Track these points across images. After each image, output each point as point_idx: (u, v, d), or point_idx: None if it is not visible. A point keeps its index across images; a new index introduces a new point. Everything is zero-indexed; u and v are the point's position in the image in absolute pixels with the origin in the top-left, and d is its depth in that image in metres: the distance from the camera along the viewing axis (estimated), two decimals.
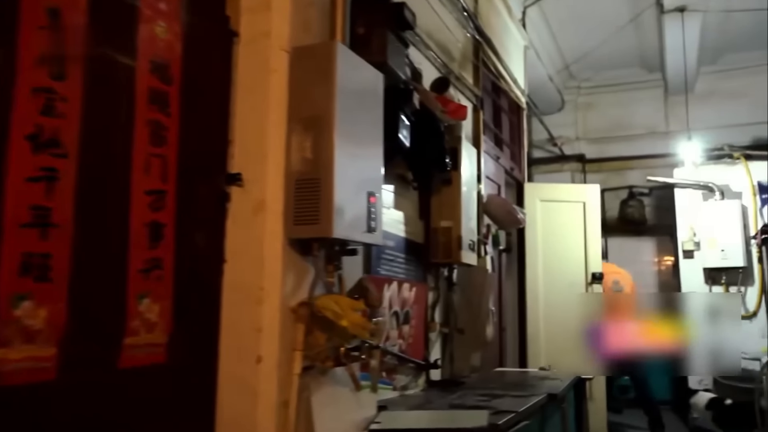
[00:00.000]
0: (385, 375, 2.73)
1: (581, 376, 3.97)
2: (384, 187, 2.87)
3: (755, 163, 5.74)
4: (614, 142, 7.99)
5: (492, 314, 4.18)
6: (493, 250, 4.46)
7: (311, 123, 1.81)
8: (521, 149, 5.66)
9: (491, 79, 4.86)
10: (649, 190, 7.82)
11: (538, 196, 5.55)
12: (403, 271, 2.96)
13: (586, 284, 5.47)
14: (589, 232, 5.56)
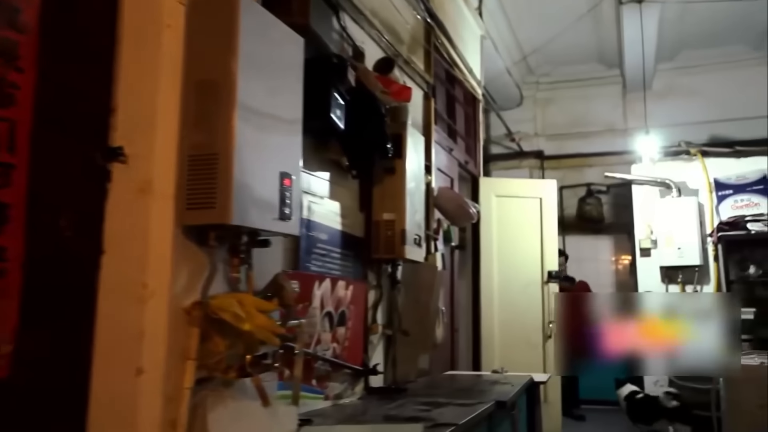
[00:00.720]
0: (316, 383, 2.45)
1: (534, 379, 3.76)
2: (318, 174, 2.61)
3: (712, 160, 5.66)
4: (573, 138, 7.88)
5: (442, 314, 3.94)
6: (445, 247, 4.23)
7: (209, 88, 1.52)
8: (477, 142, 5.45)
9: (444, 67, 4.62)
10: (607, 188, 7.73)
11: (494, 191, 5.35)
12: (339, 268, 2.68)
13: (542, 283, 5.29)
14: (545, 229, 5.38)
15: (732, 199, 5.29)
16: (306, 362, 2.38)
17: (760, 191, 5.20)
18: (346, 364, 2.64)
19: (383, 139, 2.69)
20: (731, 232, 5.12)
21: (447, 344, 4.33)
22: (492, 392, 3.08)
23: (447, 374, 4.05)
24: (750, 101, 7.05)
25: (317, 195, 2.54)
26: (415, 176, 3.14)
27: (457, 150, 4.83)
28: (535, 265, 5.30)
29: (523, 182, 5.62)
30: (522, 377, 3.68)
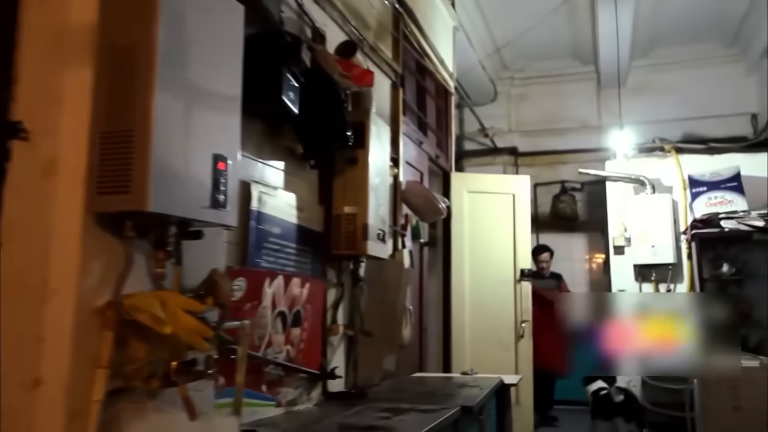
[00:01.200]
0: (266, 389, 2.26)
1: (504, 381, 3.62)
2: (271, 163, 2.42)
3: (686, 157, 5.58)
4: (547, 135, 7.78)
5: (409, 314, 3.77)
6: (413, 244, 4.06)
7: (126, 55, 1.32)
8: (449, 136, 5.29)
9: (415, 57, 4.45)
10: (582, 185, 7.65)
11: (466, 186, 5.20)
12: (294, 264, 2.49)
13: (515, 281, 5.15)
14: (518, 226, 5.24)
15: (706, 197, 5.21)
16: (255, 367, 2.20)
17: (733, 188, 5.12)
18: (301, 367, 2.45)
19: (342, 125, 2.50)
20: (705, 230, 5.03)
21: (415, 345, 4.16)
22: (459, 396, 2.92)
23: (414, 376, 3.89)
24: (724, 99, 7.02)
25: (270, 185, 2.35)
26: (379, 168, 2.97)
27: (428, 143, 4.67)
28: (507, 263, 5.17)
29: (496, 178, 5.48)
30: (491, 379, 3.53)
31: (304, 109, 2.28)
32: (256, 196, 2.23)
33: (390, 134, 3.68)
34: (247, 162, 2.23)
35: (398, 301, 3.48)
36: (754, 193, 5.17)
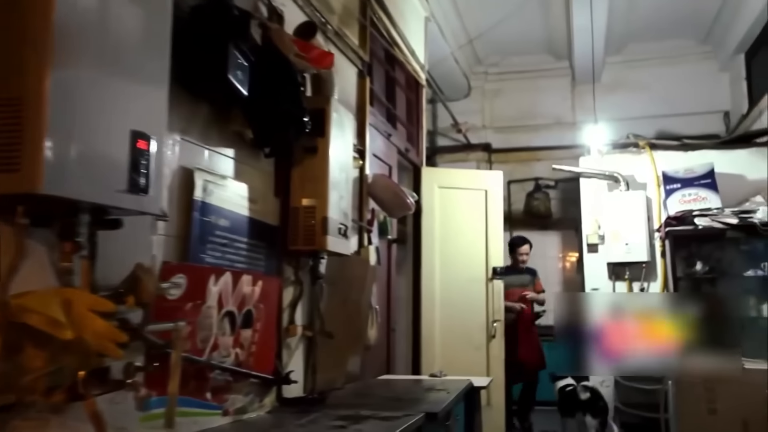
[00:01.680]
0: (211, 397, 2.06)
1: (474, 383, 3.46)
2: (218, 150, 2.22)
3: (660, 153, 5.49)
4: (521, 131, 7.67)
5: (375, 313, 3.60)
6: (380, 240, 3.88)
7: (14, 11, 1.11)
8: (419, 130, 5.13)
9: (384, 46, 4.27)
10: (555, 183, 7.56)
11: (437, 182, 5.03)
12: (245, 260, 2.30)
13: (487, 280, 5.00)
14: (490, 223, 5.10)
15: (680, 194, 5.12)
16: (198, 372, 2.00)
17: (707, 185, 5.04)
18: (252, 372, 2.26)
19: (298, 110, 2.31)
20: (679, 228, 4.94)
21: (382, 346, 3.99)
22: (425, 401, 2.76)
23: (381, 379, 3.71)
24: (697, 96, 6.98)
25: (217, 174, 2.15)
26: (341, 159, 2.78)
27: (397, 136, 4.49)
28: (479, 260, 5.02)
29: (468, 173, 5.33)
30: (460, 382, 3.37)
31: (254, 91, 2.09)
32: (201, 184, 2.03)
33: (355, 124, 3.53)
34: (190, 147, 2.03)
35: (363, 300, 3.31)
36: (728, 190, 5.10)
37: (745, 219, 4.76)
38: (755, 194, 5.08)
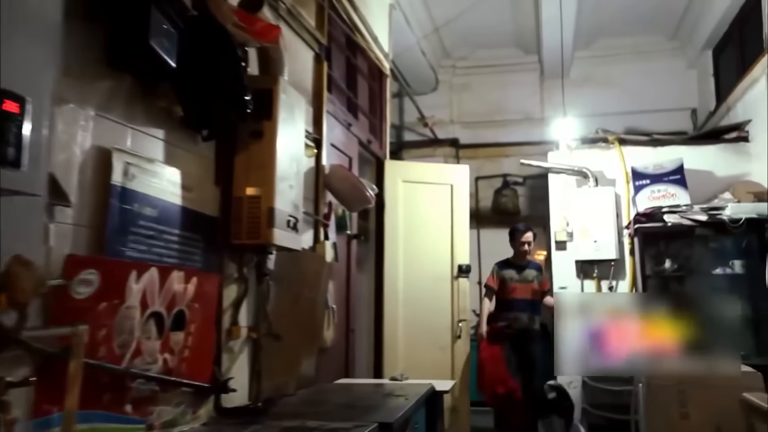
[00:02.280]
0: (132, 409, 1.81)
1: (436, 387, 3.26)
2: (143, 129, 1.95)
3: (629, 149, 5.37)
4: (489, 127, 7.52)
5: (332, 313, 3.38)
6: (338, 236, 3.65)
7: None
8: (383, 122, 4.91)
9: (344, 31, 4.05)
10: (524, 179, 7.43)
11: (401, 175, 4.83)
12: (177, 255, 2.05)
13: (452, 278, 4.82)
14: (456, 219, 4.91)
15: (649, 190, 5.01)
16: (117, 382, 1.75)
17: (676, 181, 4.94)
18: (183, 380, 2.01)
19: (237, 87, 2.07)
20: (648, 224, 4.82)
21: (340, 348, 3.77)
22: (381, 408, 2.54)
23: (338, 383, 3.48)
24: (665, 93, 6.92)
25: (143, 156, 1.90)
26: (291, 145, 2.55)
27: (359, 127, 4.27)
28: (444, 258, 4.83)
29: (433, 167, 5.14)
30: (421, 386, 3.17)
31: (184, 63, 1.84)
32: (121, 167, 1.78)
33: (310, 110, 3.31)
34: (108, 125, 1.78)
35: (318, 299, 3.07)
36: (697, 187, 5.01)
37: (714, 216, 4.66)
38: (724, 191, 5.00)
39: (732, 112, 5.47)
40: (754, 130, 5.06)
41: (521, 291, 5.01)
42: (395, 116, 7.69)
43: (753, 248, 4.68)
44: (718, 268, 4.81)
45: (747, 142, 5.13)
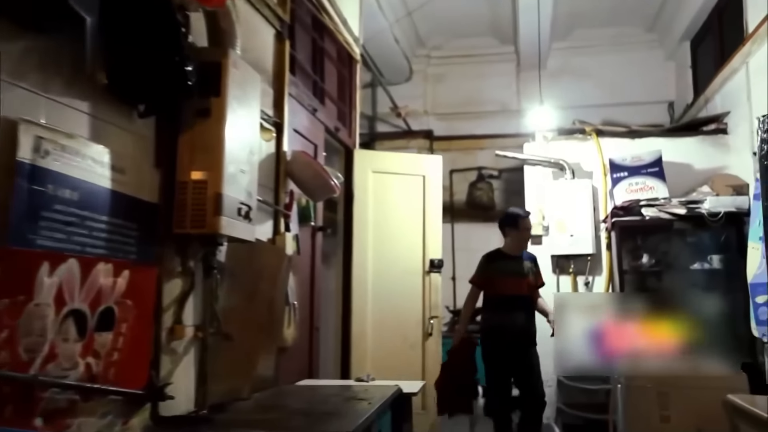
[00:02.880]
0: (42, 424, 1.56)
1: (403, 389, 3.05)
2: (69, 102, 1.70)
3: (607, 141, 5.22)
4: (464, 118, 7.33)
5: (294, 310, 3.15)
6: (301, 227, 3.42)
7: None
8: (353, 109, 4.68)
9: (310, 11, 3.81)
10: (499, 172, 7.26)
11: (371, 166, 4.61)
12: (104, 244, 1.80)
13: (423, 273, 4.62)
14: (428, 211, 4.72)
15: (627, 182, 4.86)
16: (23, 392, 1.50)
17: (655, 174, 4.80)
18: (108, 387, 1.77)
19: (175, 55, 1.83)
20: (625, 218, 4.67)
21: (303, 347, 3.54)
22: (340, 415, 2.32)
23: (300, 385, 3.25)
24: (642, 86, 6.79)
25: (60, 131, 1.64)
26: (243, 126, 2.31)
27: (326, 113, 4.04)
28: (416, 252, 4.63)
29: (405, 157, 4.92)
30: (387, 388, 2.95)
31: (107, 22, 1.60)
32: (30, 142, 1.53)
33: (272, 93, 3.08)
34: (17, 93, 1.53)
35: (277, 295, 2.84)
36: (675, 180, 4.87)
37: (693, 210, 4.53)
38: (702, 184, 4.87)
39: (710, 104, 5.35)
40: (732, 122, 4.94)
41: (516, 286, 4.14)
42: (367, 106, 7.46)
43: (731, 243, 4.57)
44: (696, 263, 4.69)
45: (726, 134, 5.01)
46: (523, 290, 4.17)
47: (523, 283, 4.19)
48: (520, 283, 4.18)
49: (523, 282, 4.19)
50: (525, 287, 4.19)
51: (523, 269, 4.23)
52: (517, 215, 4.36)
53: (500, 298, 4.15)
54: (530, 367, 4.07)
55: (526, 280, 4.21)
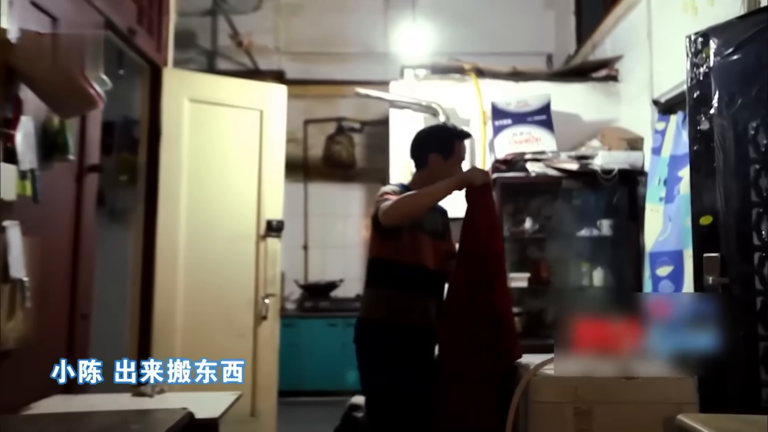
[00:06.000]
0: None
1: (195, 415, 1.95)
2: None
3: (488, 83, 4.39)
4: (324, 61, 6.26)
5: (23, 291, 1.95)
6: (44, 161, 2.17)
7: None
8: (163, 9, 3.40)
9: None
10: (361, 126, 6.31)
11: (188, 92, 3.39)
12: None
13: (258, 238, 3.52)
14: (267, 159, 3.61)
15: (511, 132, 4.07)
16: None
17: (542, 123, 4.05)
18: None
19: None
20: (509, 174, 3.87)
21: (55, 347, 2.31)
22: None
23: (33, 413, 2.04)
24: (521, 35, 6.09)
25: None
26: None
27: (109, 5, 2.75)
28: (247, 210, 3.52)
29: (236, 84, 3.71)
30: (173, 413, 1.85)
31: None
32: None
33: None
34: None
35: None
36: (562, 132, 4.15)
37: (586, 166, 3.82)
38: (591, 138, 4.20)
39: (599, 49, 4.70)
40: (625, 67, 4.30)
41: (433, 252, 2.41)
42: (206, 39, 6.15)
43: (623, 205, 3.93)
44: (583, 230, 4.01)
45: (617, 81, 4.36)
46: (439, 260, 2.44)
47: (439, 249, 2.45)
48: (435, 248, 2.43)
49: (439, 247, 2.46)
50: (442, 256, 2.46)
51: (438, 227, 2.49)
52: (448, 133, 2.51)
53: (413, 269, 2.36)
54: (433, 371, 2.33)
55: (440, 245, 2.47)
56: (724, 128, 2.35)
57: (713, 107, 2.40)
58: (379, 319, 2.37)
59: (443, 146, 2.44)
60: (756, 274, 2.22)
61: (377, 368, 2.33)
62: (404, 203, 2.23)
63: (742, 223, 2.28)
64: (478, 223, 2.27)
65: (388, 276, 2.37)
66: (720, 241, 2.35)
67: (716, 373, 2.03)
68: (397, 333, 2.33)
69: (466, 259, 2.28)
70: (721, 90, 2.37)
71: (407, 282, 2.35)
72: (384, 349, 2.32)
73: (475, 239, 2.26)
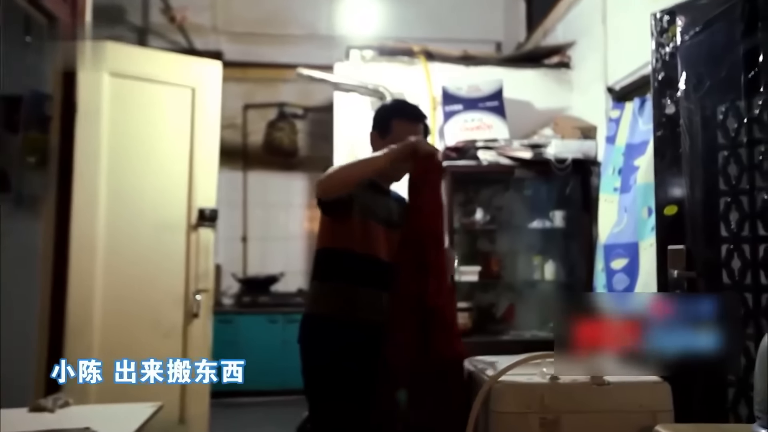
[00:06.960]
0: None
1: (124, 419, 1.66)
2: None
3: (438, 66, 4.19)
4: (265, 42, 5.94)
5: None
6: None
7: None
8: None
9: None
10: (304, 112, 6.03)
11: (109, 65, 3.04)
12: None
13: (188, 228, 3.21)
14: (199, 141, 3.29)
15: (462, 118, 3.88)
16: None
17: (494, 109, 3.88)
18: None
19: None
20: (459, 162, 3.68)
21: None
22: None
23: None
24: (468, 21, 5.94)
25: None
26: None
27: None
28: (177, 198, 3.20)
29: (163, 57, 3.36)
30: None
31: None
32: None
33: None
34: None
35: None
36: (514, 119, 3.99)
37: (539, 154, 3.67)
38: (543, 126, 4.06)
39: (550, 35, 4.57)
40: (578, 54, 4.18)
41: (386, 242, 2.14)
42: (136, 15, 5.71)
43: (575, 196, 3.81)
44: (535, 221, 3.87)
45: (569, 68, 4.24)
46: (393, 251, 2.09)
47: (394, 240, 2.10)
48: (390, 238, 2.14)
49: (393, 238, 2.12)
50: (396, 246, 2.09)
51: (393, 215, 2.21)
52: (390, 110, 2.34)
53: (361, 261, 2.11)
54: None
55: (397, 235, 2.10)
56: (691, 112, 2.21)
57: (680, 90, 2.26)
58: (327, 314, 2.12)
59: (381, 124, 2.24)
60: (724, 268, 2.09)
61: (324, 371, 2.08)
62: (342, 170, 2.00)
63: (709, 213, 2.14)
64: (422, 197, 2.01)
65: (336, 267, 2.12)
66: (686, 232, 2.21)
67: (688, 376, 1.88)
68: (345, 329, 2.08)
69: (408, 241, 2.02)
70: (688, 71, 2.23)
71: (357, 274, 2.10)
72: (333, 349, 2.07)
73: (416, 217, 2.01)
